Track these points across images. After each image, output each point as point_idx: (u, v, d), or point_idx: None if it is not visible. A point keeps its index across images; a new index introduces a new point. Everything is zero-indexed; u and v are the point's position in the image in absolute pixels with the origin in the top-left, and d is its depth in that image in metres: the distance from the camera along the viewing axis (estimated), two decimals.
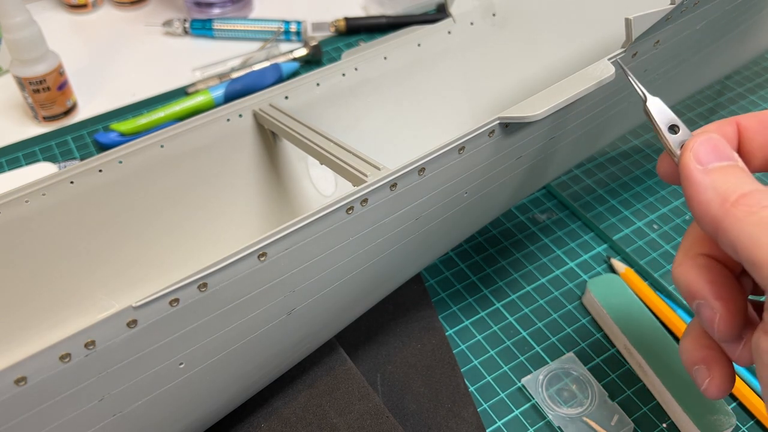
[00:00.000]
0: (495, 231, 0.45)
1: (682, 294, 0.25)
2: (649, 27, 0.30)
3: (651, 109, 0.26)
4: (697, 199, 0.23)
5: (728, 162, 0.23)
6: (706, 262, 0.24)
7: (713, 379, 0.25)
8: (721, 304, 0.23)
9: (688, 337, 0.26)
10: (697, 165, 0.23)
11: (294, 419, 0.32)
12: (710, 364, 0.25)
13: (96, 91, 0.59)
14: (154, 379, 0.24)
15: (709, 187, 0.23)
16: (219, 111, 0.37)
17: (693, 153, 0.24)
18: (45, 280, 0.34)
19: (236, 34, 0.64)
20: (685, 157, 0.24)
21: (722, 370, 0.25)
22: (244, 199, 0.40)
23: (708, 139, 0.24)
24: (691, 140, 0.24)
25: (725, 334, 0.24)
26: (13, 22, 0.48)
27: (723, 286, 0.24)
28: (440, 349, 0.37)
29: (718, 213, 0.22)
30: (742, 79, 0.57)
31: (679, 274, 0.25)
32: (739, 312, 0.24)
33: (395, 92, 0.43)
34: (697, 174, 0.23)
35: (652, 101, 0.26)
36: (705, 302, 0.24)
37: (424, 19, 0.65)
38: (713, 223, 0.22)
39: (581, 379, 0.35)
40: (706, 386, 0.25)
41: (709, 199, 0.22)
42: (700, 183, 0.23)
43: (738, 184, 0.22)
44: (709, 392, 0.25)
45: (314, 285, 0.28)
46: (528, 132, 0.32)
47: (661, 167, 0.27)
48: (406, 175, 0.28)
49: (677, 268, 0.25)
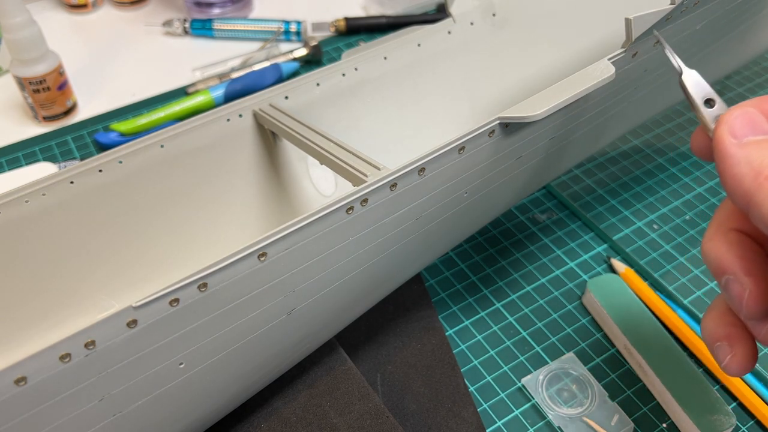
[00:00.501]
0: (495, 231, 0.45)
1: (711, 269, 0.24)
2: (649, 27, 0.30)
3: (686, 82, 0.25)
4: (730, 173, 0.22)
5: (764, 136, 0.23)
6: (738, 238, 0.24)
7: (735, 356, 0.25)
8: (751, 280, 0.23)
9: (711, 314, 0.26)
10: (731, 138, 0.23)
11: (294, 419, 0.32)
12: (733, 341, 0.25)
13: (96, 91, 0.59)
14: (154, 379, 0.24)
15: (742, 160, 0.22)
16: (219, 111, 0.37)
17: (728, 126, 0.23)
18: (45, 280, 0.34)
19: (236, 34, 0.64)
20: (719, 130, 0.23)
21: (745, 347, 0.25)
22: (244, 199, 0.40)
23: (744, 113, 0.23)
24: (727, 113, 0.24)
25: (753, 311, 0.23)
26: (13, 22, 0.48)
27: (754, 262, 0.23)
28: (440, 349, 0.37)
29: (750, 187, 0.22)
30: (742, 79, 0.57)
31: (709, 248, 0.24)
32: None
33: (395, 92, 0.43)
34: (731, 147, 0.23)
35: (687, 74, 0.26)
36: (734, 277, 0.23)
37: (424, 19, 0.65)
38: (745, 197, 0.22)
39: (581, 379, 0.35)
40: (727, 362, 0.25)
41: (743, 172, 0.22)
42: (734, 156, 0.22)
43: None
44: (731, 368, 0.25)
45: (314, 285, 0.28)
46: (528, 132, 0.32)
47: (695, 142, 0.27)
48: (406, 175, 0.28)
49: (707, 242, 0.25)
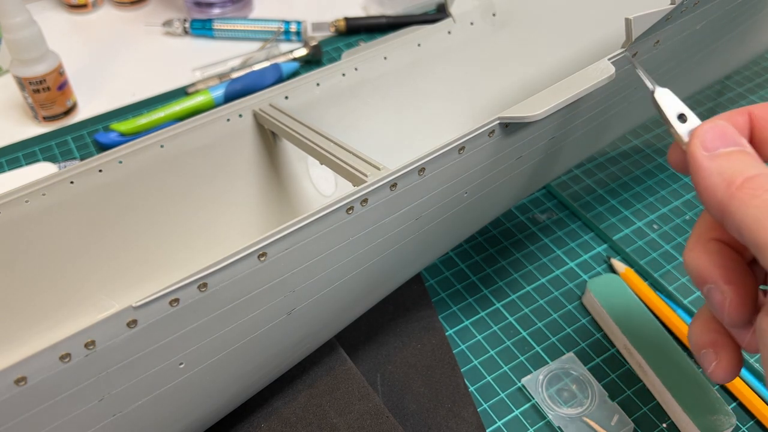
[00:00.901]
0: (495, 231, 0.45)
1: (693, 279, 0.25)
2: (649, 27, 0.30)
3: (659, 99, 0.26)
4: (703, 185, 0.23)
5: (735, 147, 0.23)
6: (718, 247, 0.25)
7: (720, 363, 0.25)
8: (731, 288, 0.23)
9: (697, 322, 0.26)
10: (703, 151, 0.24)
11: (294, 419, 0.32)
12: (718, 348, 0.25)
13: (96, 91, 0.59)
14: (154, 379, 0.24)
15: (714, 172, 0.23)
16: (219, 111, 0.37)
17: (700, 139, 0.24)
18: (45, 280, 0.34)
19: (236, 34, 0.64)
20: (692, 144, 0.24)
21: (730, 354, 0.25)
22: (244, 199, 0.40)
23: (714, 126, 0.24)
24: (699, 128, 0.24)
25: (734, 319, 0.24)
26: (13, 22, 0.48)
27: (733, 271, 0.24)
28: (440, 349, 0.37)
29: (723, 197, 0.22)
30: (742, 79, 0.57)
31: (690, 258, 0.25)
32: (749, 298, 0.23)
33: (395, 92, 0.43)
34: (703, 159, 0.23)
35: (660, 92, 0.26)
36: (715, 286, 0.24)
37: (424, 19, 0.65)
38: (719, 208, 0.22)
39: (581, 379, 0.35)
40: (712, 369, 0.25)
41: (715, 183, 0.23)
42: (706, 168, 0.23)
43: (743, 168, 0.22)
44: (716, 375, 0.25)
45: (314, 285, 0.28)
46: (528, 132, 0.32)
47: (672, 157, 0.27)
48: (406, 175, 0.28)
49: (689, 252, 0.25)
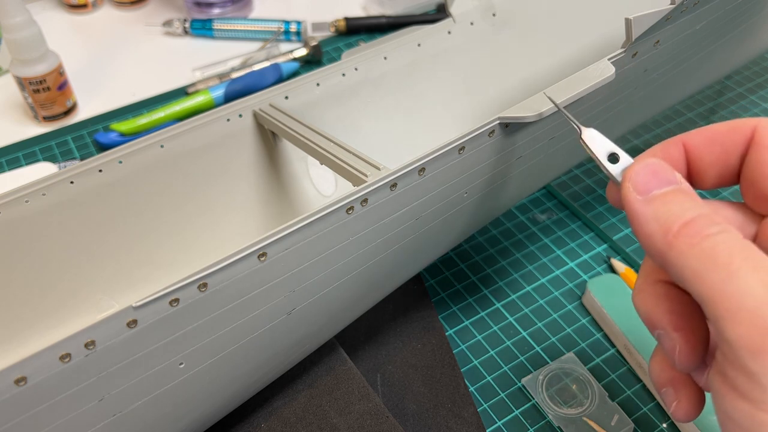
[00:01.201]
0: (495, 231, 0.45)
1: (644, 322, 0.24)
2: (649, 27, 0.30)
3: (586, 140, 0.25)
4: (641, 232, 0.21)
5: (669, 187, 0.22)
6: (665, 290, 0.23)
7: (680, 403, 0.24)
8: (680, 335, 0.22)
9: (656, 358, 0.25)
10: (636, 195, 0.22)
11: (294, 419, 0.32)
12: (677, 386, 0.24)
13: (96, 91, 0.59)
14: (154, 379, 0.24)
15: (651, 218, 0.21)
16: (219, 111, 0.37)
17: (632, 182, 0.22)
18: (45, 280, 0.34)
19: (236, 34, 0.64)
20: (624, 188, 0.22)
21: (690, 393, 0.24)
22: (244, 199, 0.40)
23: (645, 166, 0.22)
24: (629, 169, 0.23)
25: (685, 366, 0.22)
26: (13, 22, 0.48)
27: (682, 316, 0.22)
28: (440, 349, 0.37)
29: (662, 246, 0.21)
30: (742, 79, 0.57)
31: (638, 302, 0.24)
32: (700, 342, 0.22)
33: (395, 92, 0.43)
34: (637, 205, 0.22)
35: (587, 133, 0.25)
36: (664, 332, 0.22)
37: (424, 19, 0.65)
38: (660, 256, 0.21)
39: (581, 379, 0.35)
40: (673, 409, 0.24)
41: (653, 231, 0.21)
42: (642, 214, 0.21)
43: (680, 212, 0.21)
44: (677, 415, 0.24)
45: (314, 285, 0.28)
46: (528, 132, 0.32)
47: (610, 196, 0.26)
48: (406, 175, 0.28)
49: (637, 295, 0.24)
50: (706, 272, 0.19)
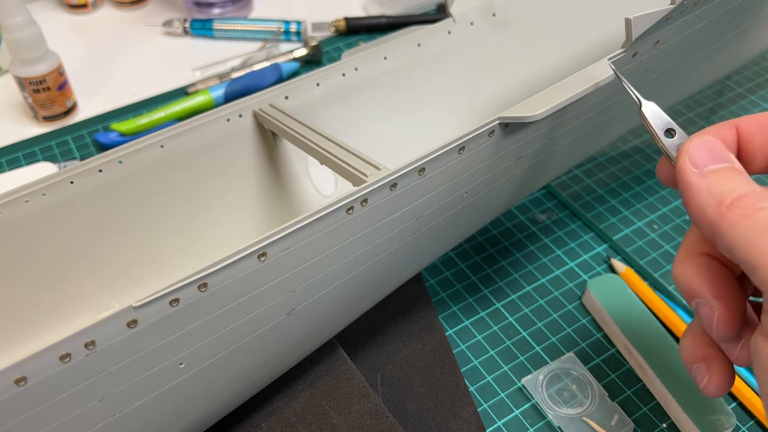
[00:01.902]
0: (495, 231, 0.45)
1: (682, 293, 0.25)
2: (649, 27, 0.30)
3: (646, 114, 0.26)
4: (693, 203, 0.23)
5: (724, 164, 0.23)
6: (706, 262, 0.24)
7: (712, 377, 0.25)
8: (720, 303, 0.23)
9: (688, 336, 0.26)
10: (692, 168, 0.23)
11: (294, 419, 0.32)
12: (709, 362, 0.25)
13: (96, 91, 0.59)
14: (154, 379, 0.24)
15: (704, 190, 0.23)
16: (219, 111, 0.37)
17: (689, 156, 0.24)
18: (45, 280, 0.34)
19: (236, 34, 0.64)
20: (680, 161, 0.24)
21: (721, 368, 0.25)
22: (244, 199, 0.40)
23: (703, 142, 0.24)
24: (687, 143, 0.24)
25: (724, 334, 0.24)
26: (13, 22, 0.48)
27: (722, 286, 0.24)
28: (440, 349, 0.37)
29: (714, 216, 0.22)
30: (742, 79, 0.57)
31: (679, 272, 0.25)
32: (738, 312, 0.24)
33: (395, 92, 0.43)
34: (693, 177, 0.23)
35: (647, 106, 0.26)
36: (704, 301, 0.24)
37: (424, 19, 0.65)
38: (710, 227, 0.22)
39: (581, 379, 0.35)
40: (704, 384, 0.25)
41: (705, 202, 0.23)
42: (696, 186, 0.23)
43: (734, 187, 0.22)
44: (708, 390, 0.25)
45: (314, 285, 0.28)
46: (528, 132, 0.32)
47: (661, 171, 0.27)
48: (406, 175, 0.28)
49: (677, 266, 0.25)
50: (758, 239, 0.21)
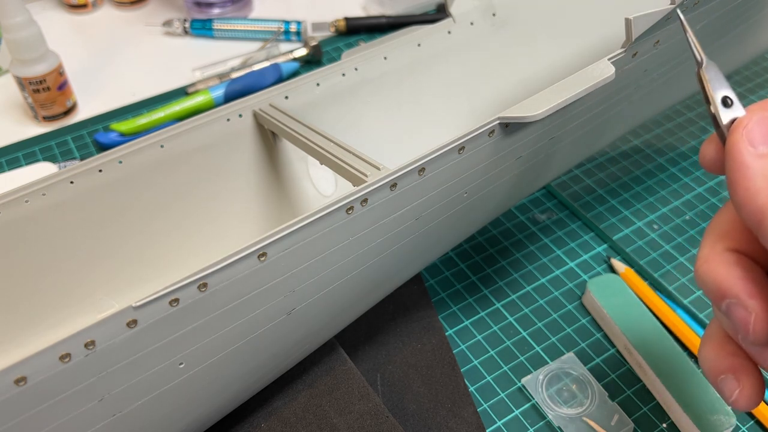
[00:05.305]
0: (495, 231, 0.45)
1: (710, 294, 0.22)
2: (649, 27, 0.30)
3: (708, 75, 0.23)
4: (743, 185, 0.20)
5: None
6: (736, 258, 0.22)
7: (744, 390, 0.23)
8: (756, 302, 0.21)
9: (710, 345, 0.24)
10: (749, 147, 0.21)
11: (294, 419, 0.32)
12: (738, 372, 0.23)
13: (96, 91, 0.59)
14: (154, 379, 0.24)
15: (759, 173, 0.20)
16: (219, 111, 0.37)
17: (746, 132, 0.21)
18: (45, 280, 0.34)
19: (236, 34, 0.64)
20: (735, 136, 0.21)
21: (752, 378, 0.23)
22: (244, 199, 0.40)
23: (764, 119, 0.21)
24: (745, 117, 0.21)
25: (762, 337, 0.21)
26: (13, 22, 0.48)
27: (757, 284, 0.21)
28: (440, 349, 0.37)
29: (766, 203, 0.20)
30: (742, 79, 0.57)
31: (705, 271, 0.22)
32: None
33: (395, 92, 0.43)
34: (747, 156, 0.20)
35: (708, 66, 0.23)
36: (737, 301, 0.21)
37: (424, 19, 0.65)
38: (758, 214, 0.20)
39: (581, 379, 0.35)
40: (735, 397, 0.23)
41: (758, 186, 0.20)
42: (750, 167, 0.20)
43: None
44: (740, 403, 0.23)
45: (314, 285, 0.28)
46: (528, 132, 0.32)
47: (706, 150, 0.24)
48: (406, 175, 0.28)
49: (703, 265, 0.22)
50: None
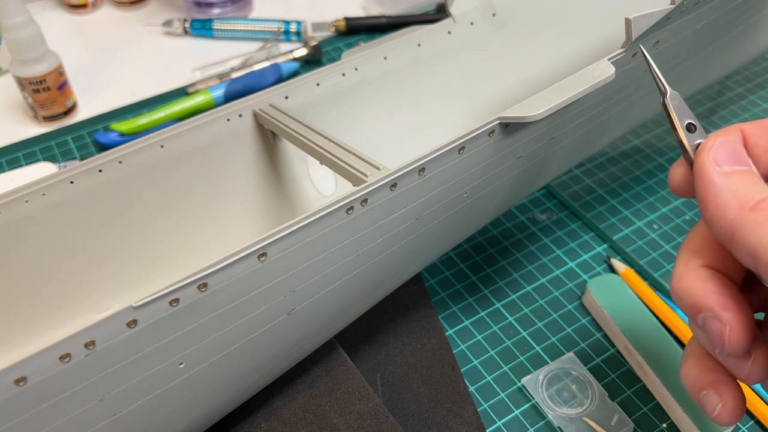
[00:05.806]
0: (495, 231, 0.45)
1: (686, 309, 0.23)
2: (649, 27, 0.30)
3: (671, 104, 0.25)
4: (713, 201, 0.22)
5: (746, 167, 0.23)
6: (710, 274, 0.23)
7: (726, 404, 0.24)
8: (730, 315, 0.22)
9: (691, 361, 0.25)
10: (715, 166, 0.22)
11: (294, 419, 0.32)
12: (719, 387, 0.24)
13: (96, 91, 0.59)
14: (154, 379, 0.24)
15: (726, 189, 0.22)
16: (219, 111, 0.37)
17: (711, 153, 0.23)
18: (45, 280, 0.34)
19: (236, 34, 0.64)
20: (702, 158, 0.23)
21: (733, 392, 0.24)
22: (244, 199, 0.40)
23: (727, 141, 0.23)
24: (709, 141, 0.23)
25: (737, 348, 0.22)
26: (13, 22, 0.48)
27: (730, 297, 0.23)
28: (440, 349, 0.37)
29: (736, 217, 0.21)
30: (742, 79, 0.57)
31: (681, 287, 0.23)
32: (748, 324, 0.22)
33: (395, 92, 0.43)
34: (714, 175, 0.22)
35: (672, 95, 0.25)
36: (713, 314, 0.22)
37: (424, 19, 0.65)
38: (729, 228, 0.21)
39: (581, 379, 0.35)
40: (718, 412, 0.24)
41: (727, 202, 0.22)
42: (718, 185, 0.22)
43: (756, 190, 0.22)
44: (722, 419, 0.24)
45: (314, 285, 0.28)
46: (528, 132, 0.32)
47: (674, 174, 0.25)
48: (406, 175, 0.28)
49: (678, 281, 0.24)
50: None
